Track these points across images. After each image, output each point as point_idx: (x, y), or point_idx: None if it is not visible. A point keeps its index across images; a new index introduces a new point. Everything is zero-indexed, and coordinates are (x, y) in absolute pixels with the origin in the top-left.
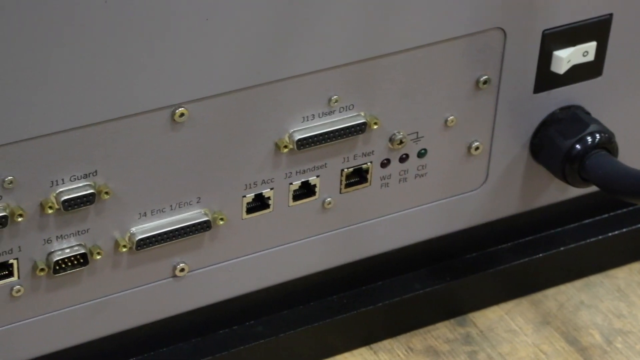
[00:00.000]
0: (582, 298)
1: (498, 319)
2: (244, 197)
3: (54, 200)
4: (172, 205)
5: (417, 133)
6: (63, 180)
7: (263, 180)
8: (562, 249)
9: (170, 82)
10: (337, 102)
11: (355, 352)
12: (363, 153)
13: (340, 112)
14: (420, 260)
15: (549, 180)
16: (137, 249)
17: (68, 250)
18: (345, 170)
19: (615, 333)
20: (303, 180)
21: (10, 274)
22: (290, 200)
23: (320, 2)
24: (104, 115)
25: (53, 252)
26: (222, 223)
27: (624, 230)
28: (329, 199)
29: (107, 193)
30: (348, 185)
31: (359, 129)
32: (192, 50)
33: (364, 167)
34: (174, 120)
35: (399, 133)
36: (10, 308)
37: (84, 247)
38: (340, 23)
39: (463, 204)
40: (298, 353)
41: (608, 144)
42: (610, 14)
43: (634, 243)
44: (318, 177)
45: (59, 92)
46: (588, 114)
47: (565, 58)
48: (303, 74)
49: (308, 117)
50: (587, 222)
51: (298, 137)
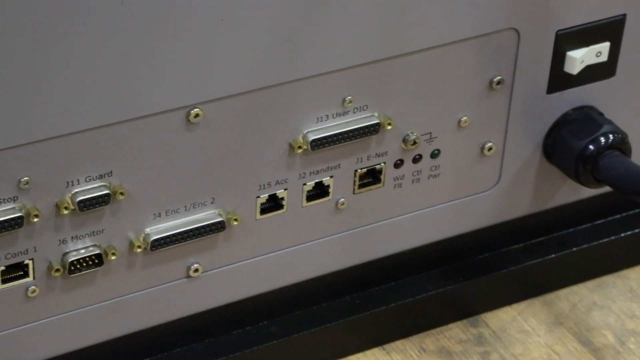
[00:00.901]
0: (594, 299)
1: (510, 320)
2: (258, 197)
3: (70, 201)
4: (186, 206)
5: (430, 133)
6: (78, 181)
7: (277, 181)
8: (574, 250)
9: (185, 82)
10: (351, 102)
11: (368, 352)
12: (376, 153)
13: (354, 112)
14: (433, 261)
15: (562, 181)
16: (151, 250)
17: (83, 251)
18: (359, 171)
19: (628, 334)
20: (317, 181)
21: (26, 275)
22: (304, 201)
23: (335, 3)
24: (120, 116)
25: (68, 252)
26: (236, 224)
27: (637, 231)
28: (343, 200)
29: (122, 194)
30: (361, 186)
31: (373, 130)
32: (207, 51)
33: (378, 167)
34: (189, 121)
35: (413, 134)
36: (26, 308)
37: (99, 247)
38: (355, 24)
39: (476, 205)
40: (311, 354)
41: (621, 145)
42: (624, 15)
43: None
44: (332, 177)
45: (75, 93)
46: (601, 115)
47: (579, 58)
48: (317, 75)
49: (322, 117)
50: (599, 222)
51: (312, 137)
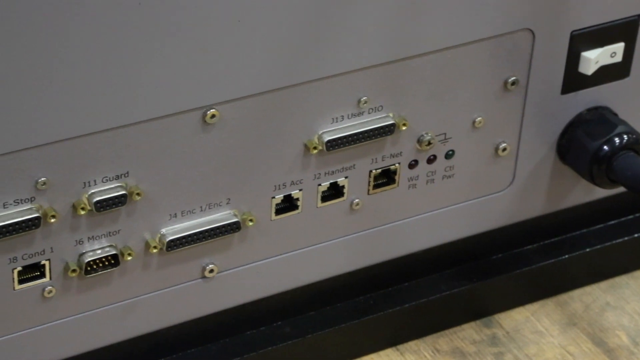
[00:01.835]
0: (607, 299)
1: (524, 320)
2: (273, 198)
3: (86, 202)
4: (202, 207)
5: (445, 134)
6: (95, 182)
7: (292, 182)
8: (587, 250)
9: (202, 83)
10: (366, 103)
11: (382, 353)
12: (391, 154)
13: (370, 113)
14: (447, 262)
15: (575, 182)
16: (167, 250)
17: (99, 251)
18: (374, 172)
19: None
20: (332, 182)
21: (42, 275)
22: (319, 202)
23: (350, 4)
24: (136, 117)
25: (84, 253)
26: (251, 224)
27: None
28: (357, 200)
29: (138, 194)
30: (376, 187)
31: (388, 130)
32: (223, 52)
33: (392, 168)
34: (205, 122)
35: (427, 134)
36: (42, 309)
37: (115, 248)
38: (370, 25)
39: (490, 205)
40: (325, 354)
41: (636, 145)
42: (638, 15)
43: None
44: (346, 178)
45: (92, 94)
46: (615, 115)
47: (593, 59)
48: (333, 76)
49: (337, 118)
50: (612, 223)
51: (327, 138)
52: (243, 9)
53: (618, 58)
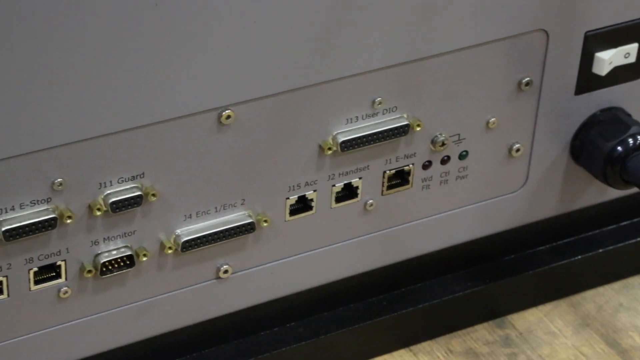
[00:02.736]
0: (620, 300)
1: (537, 321)
2: (288, 199)
3: (102, 202)
4: (216, 207)
5: (458, 135)
6: (111, 182)
7: (306, 182)
8: (600, 251)
9: (217, 84)
10: (380, 104)
11: (395, 353)
12: (405, 155)
13: (384, 114)
14: (460, 262)
15: (588, 182)
16: (182, 251)
17: (115, 252)
18: (387, 172)
19: None
20: (346, 182)
21: (58, 276)
22: (333, 202)
23: (365, 5)
24: (152, 118)
25: (100, 253)
26: (265, 225)
27: None
28: (371, 201)
29: (154, 195)
30: (390, 187)
31: (402, 131)
32: (239, 53)
33: (406, 169)
34: (221, 123)
35: (441, 135)
36: (58, 309)
37: (130, 248)
38: (385, 26)
39: (503, 206)
40: (338, 355)
41: None
42: None
43: None
44: (360, 179)
45: (108, 95)
46: (629, 116)
47: (607, 60)
48: (347, 76)
49: (352, 119)
50: (625, 223)
51: (342, 139)
52: (259, 10)
53: (632, 59)
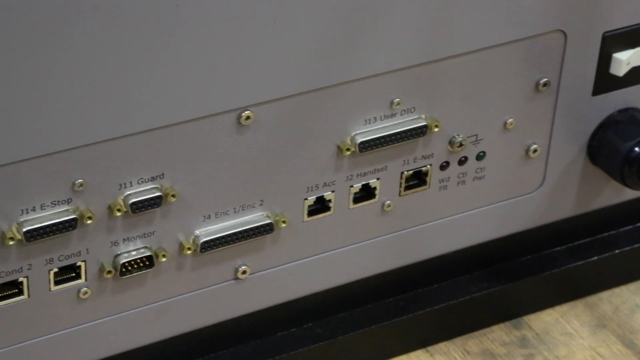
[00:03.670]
0: (637, 301)
1: (553, 322)
2: (306, 199)
3: (122, 203)
4: (235, 208)
5: (476, 136)
6: (131, 183)
7: (324, 183)
8: (617, 252)
9: (237, 85)
10: (399, 104)
11: (412, 354)
12: (423, 156)
13: (402, 115)
14: (477, 263)
15: (605, 183)
16: (201, 252)
17: (134, 253)
18: (405, 173)
19: None
20: (363, 183)
21: (78, 276)
22: (351, 203)
23: (384, 6)
24: (172, 119)
25: (120, 254)
26: (284, 225)
27: None
28: (388, 202)
29: (173, 196)
30: (407, 188)
31: (420, 132)
32: (259, 54)
33: (424, 169)
34: (240, 123)
35: (459, 136)
36: (77, 310)
37: (150, 249)
38: (403, 27)
39: (520, 207)
40: (355, 355)
41: None
42: None
43: None
44: (378, 179)
45: (128, 95)
46: None
47: (625, 60)
48: (366, 77)
49: (370, 119)
50: None
51: (360, 139)
52: (278, 11)
53: None
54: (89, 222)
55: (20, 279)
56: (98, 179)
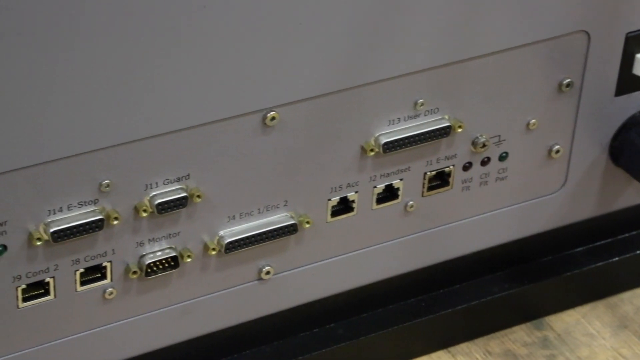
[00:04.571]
0: None
1: (575, 323)
2: (329, 200)
3: (148, 204)
4: (259, 209)
5: (499, 136)
6: (157, 184)
7: (348, 184)
8: (638, 252)
9: (262, 86)
10: (422, 105)
11: (434, 355)
12: (446, 156)
13: (426, 115)
14: (498, 264)
15: (627, 183)
16: (225, 252)
17: (159, 253)
18: (428, 174)
19: None
20: (387, 184)
21: (104, 277)
22: (374, 204)
23: (408, 7)
24: (198, 120)
25: (145, 255)
26: (307, 226)
27: None
28: (411, 202)
29: (198, 196)
30: (430, 189)
31: (444, 133)
32: (284, 54)
33: (447, 170)
34: (265, 124)
35: (482, 136)
36: (103, 310)
37: (175, 250)
38: (427, 28)
39: (541, 207)
40: (377, 356)
41: None
42: None
43: None
44: (401, 180)
45: (154, 97)
46: None
47: None
48: (390, 78)
49: (394, 120)
50: None
51: (384, 140)
52: (304, 12)
53: None
54: (115, 222)
55: (47, 280)
56: (124, 180)
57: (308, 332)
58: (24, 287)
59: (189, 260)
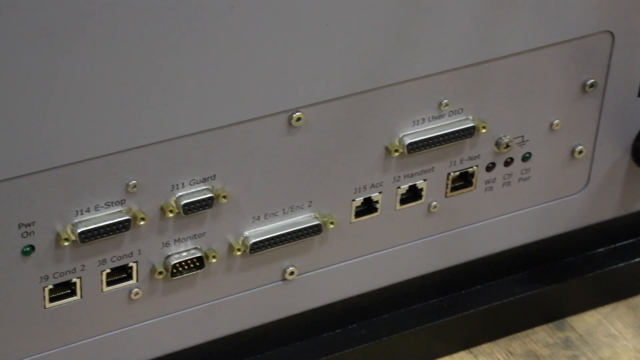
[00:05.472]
0: None
1: (597, 323)
2: (354, 200)
3: (174, 204)
4: (284, 209)
5: (522, 137)
6: (183, 184)
7: (372, 184)
8: None
9: (288, 87)
10: (447, 106)
11: (456, 355)
12: (469, 157)
13: (450, 116)
14: (520, 264)
15: None
16: (250, 253)
17: (185, 254)
18: (452, 174)
19: None
20: (410, 184)
21: (129, 277)
22: (397, 204)
23: (433, 8)
24: (224, 120)
25: (171, 255)
26: (332, 227)
27: None
28: (435, 203)
29: (224, 197)
30: (453, 189)
31: (468, 133)
32: (310, 55)
33: (470, 170)
34: (291, 125)
35: (506, 137)
36: (129, 310)
37: (200, 250)
38: (451, 28)
39: (564, 208)
40: (399, 356)
41: None
42: None
43: None
44: (425, 180)
45: (181, 98)
46: None
47: None
48: (415, 79)
49: (418, 121)
50: None
51: (409, 141)
52: (330, 13)
53: None
54: (142, 223)
55: (74, 280)
56: (151, 180)
57: (331, 332)
58: (51, 287)
59: (214, 261)
